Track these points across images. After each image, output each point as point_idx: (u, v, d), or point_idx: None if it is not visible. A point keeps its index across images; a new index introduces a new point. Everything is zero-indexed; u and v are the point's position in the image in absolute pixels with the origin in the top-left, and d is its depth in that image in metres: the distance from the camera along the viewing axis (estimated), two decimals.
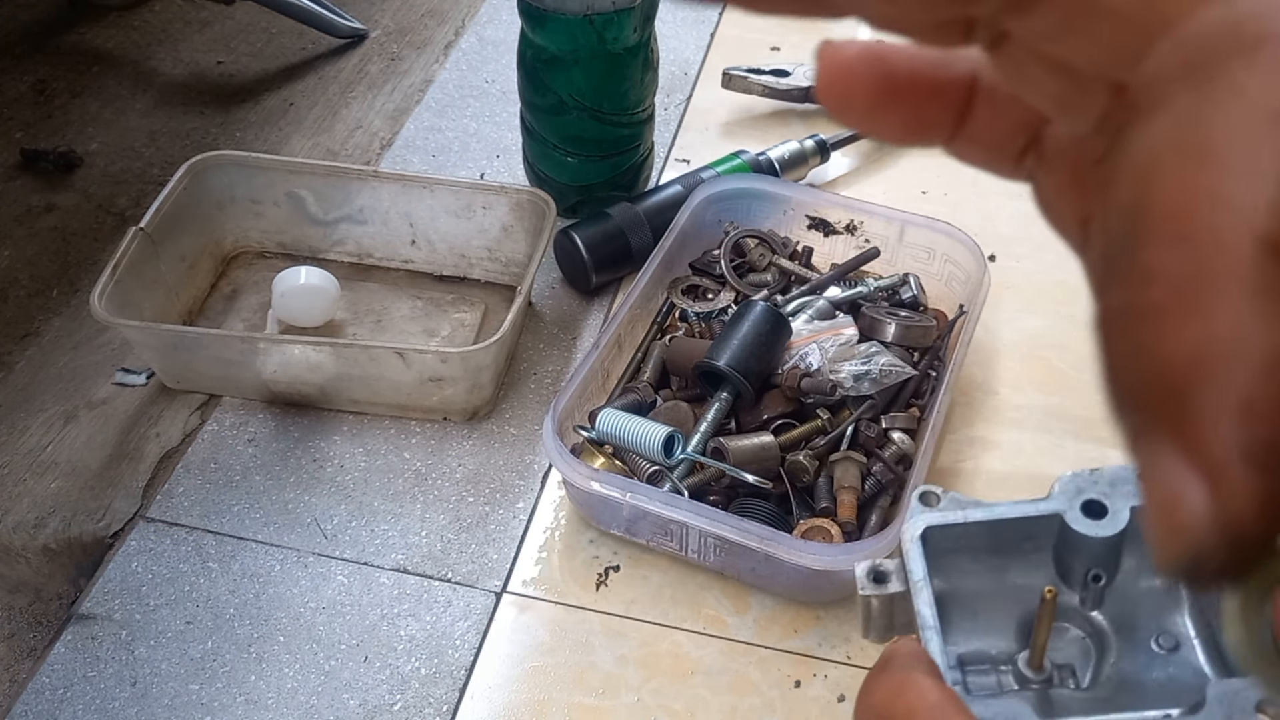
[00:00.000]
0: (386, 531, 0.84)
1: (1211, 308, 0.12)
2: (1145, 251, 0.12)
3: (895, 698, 0.20)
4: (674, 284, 0.96)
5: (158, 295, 0.95)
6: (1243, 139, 0.12)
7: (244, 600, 0.80)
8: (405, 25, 1.38)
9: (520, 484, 0.87)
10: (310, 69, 1.33)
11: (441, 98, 1.23)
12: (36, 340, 1.03)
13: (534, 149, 1.05)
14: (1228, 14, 0.13)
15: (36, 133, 1.24)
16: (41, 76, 1.32)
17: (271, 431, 0.91)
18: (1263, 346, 0.11)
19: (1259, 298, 0.11)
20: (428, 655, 0.77)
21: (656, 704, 0.75)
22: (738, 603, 0.80)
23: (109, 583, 0.81)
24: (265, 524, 0.85)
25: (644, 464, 0.82)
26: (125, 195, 1.17)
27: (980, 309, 0.88)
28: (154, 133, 1.25)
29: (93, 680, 0.76)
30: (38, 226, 1.14)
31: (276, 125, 1.25)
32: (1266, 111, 0.12)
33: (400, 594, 0.81)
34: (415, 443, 0.90)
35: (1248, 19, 0.13)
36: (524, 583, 0.81)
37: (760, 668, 0.76)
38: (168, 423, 0.92)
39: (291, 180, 1.01)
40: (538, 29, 0.96)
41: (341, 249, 1.05)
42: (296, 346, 0.88)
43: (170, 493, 0.87)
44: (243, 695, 0.75)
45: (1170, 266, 0.12)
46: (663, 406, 0.87)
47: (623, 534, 0.82)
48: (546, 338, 0.98)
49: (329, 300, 0.96)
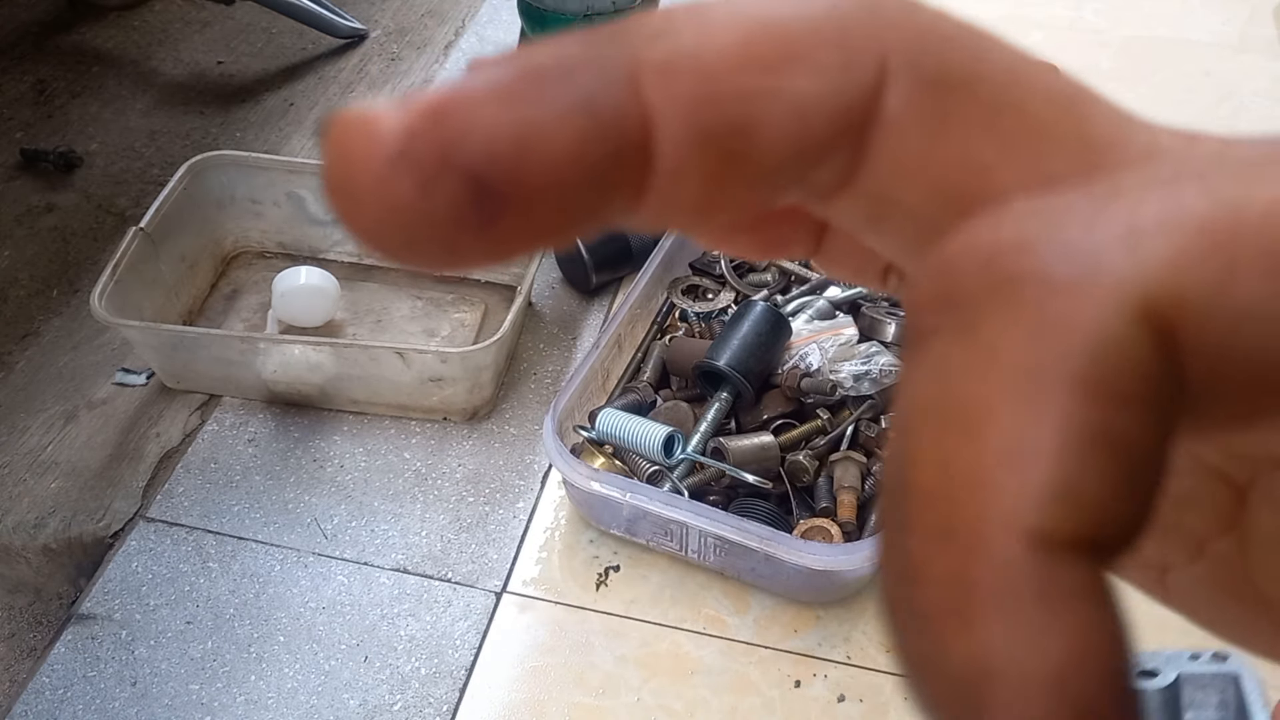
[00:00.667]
0: (386, 531, 0.84)
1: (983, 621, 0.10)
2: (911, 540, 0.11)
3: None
4: (674, 284, 0.96)
5: (158, 295, 0.95)
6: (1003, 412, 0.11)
7: (244, 600, 0.80)
8: (405, 25, 1.38)
9: (520, 484, 0.87)
10: (310, 69, 1.33)
11: None
12: (36, 340, 1.03)
13: None
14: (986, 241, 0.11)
15: (36, 133, 1.24)
16: (41, 76, 1.32)
17: (271, 431, 0.91)
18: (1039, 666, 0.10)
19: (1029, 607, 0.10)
20: (428, 655, 0.77)
21: (656, 704, 0.75)
22: (738, 603, 0.80)
23: (109, 583, 0.81)
24: (265, 524, 0.85)
25: (644, 464, 0.82)
26: (125, 195, 1.17)
27: None
28: (154, 133, 1.25)
29: (93, 680, 0.76)
30: (38, 226, 1.14)
31: (276, 125, 1.25)
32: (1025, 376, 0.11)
33: (400, 594, 0.81)
34: (415, 443, 0.90)
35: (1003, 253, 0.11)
36: (524, 583, 0.81)
37: (760, 668, 0.76)
38: (168, 423, 0.92)
39: (291, 180, 1.01)
40: (538, 29, 0.96)
41: (341, 249, 1.05)
42: (296, 346, 0.88)
43: (170, 493, 0.87)
44: (243, 695, 0.75)
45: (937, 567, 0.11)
46: (663, 406, 0.87)
47: (623, 534, 0.82)
48: (546, 338, 0.98)
49: (329, 300, 0.96)
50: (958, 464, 0.11)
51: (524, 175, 0.11)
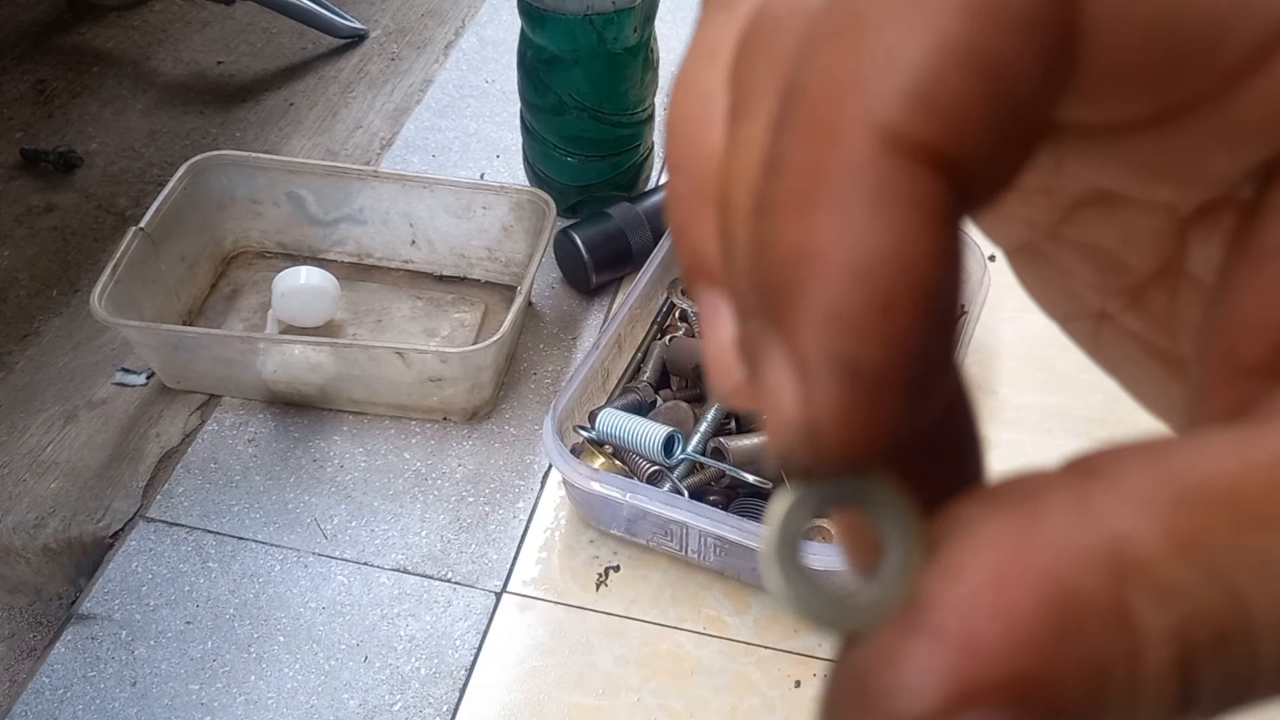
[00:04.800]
0: (386, 531, 0.84)
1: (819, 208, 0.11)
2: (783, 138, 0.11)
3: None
4: (674, 284, 0.96)
5: (158, 295, 0.95)
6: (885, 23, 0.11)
7: (244, 600, 0.80)
8: (405, 25, 1.38)
9: (520, 484, 0.87)
10: (310, 69, 1.33)
11: (441, 98, 1.23)
12: (36, 340, 1.03)
13: (534, 149, 1.05)
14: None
15: (36, 133, 1.24)
16: (41, 76, 1.32)
17: (271, 431, 0.91)
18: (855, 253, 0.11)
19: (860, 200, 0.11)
20: (428, 655, 0.77)
21: (656, 704, 0.75)
22: (738, 603, 0.80)
23: (109, 583, 0.81)
24: (265, 524, 0.85)
25: (644, 464, 0.82)
26: (125, 195, 1.17)
27: (980, 309, 0.88)
28: (154, 133, 1.25)
29: (93, 680, 0.76)
30: (38, 226, 1.14)
31: (276, 125, 1.25)
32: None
33: (400, 594, 0.81)
34: (415, 443, 0.90)
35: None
36: (524, 583, 0.81)
37: (760, 668, 0.76)
38: (168, 423, 0.92)
39: (291, 180, 1.01)
40: (538, 29, 0.96)
41: (341, 249, 1.05)
42: (296, 346, 0.88)
43: (170, 493, 0.87)
44: (243, 695, 0.75)
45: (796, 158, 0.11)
46: (663, 406, 0.87)
47: (623, 534, 0.82)
48: (546, 338, 0.98)
49: (329, 300, 0.96)
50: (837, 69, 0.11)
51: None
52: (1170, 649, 0.11)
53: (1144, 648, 0.11)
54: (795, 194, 0.11)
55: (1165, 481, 0.11)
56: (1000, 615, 0.11)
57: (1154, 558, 0.11)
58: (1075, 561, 0.11)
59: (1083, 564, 0.11)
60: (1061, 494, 0.11)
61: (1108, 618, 0.11)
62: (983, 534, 0.11)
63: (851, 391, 0.11)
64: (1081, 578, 0.11)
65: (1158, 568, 0.11)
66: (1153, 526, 0.11)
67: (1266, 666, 0.11)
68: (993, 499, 0.11)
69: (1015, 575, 0.11)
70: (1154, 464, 0.11)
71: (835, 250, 0.11)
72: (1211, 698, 0.11)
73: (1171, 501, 0.11)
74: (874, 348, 0.11)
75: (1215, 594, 0.11)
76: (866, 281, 0.11)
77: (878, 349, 0.11)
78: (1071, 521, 0.11)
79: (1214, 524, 0.11)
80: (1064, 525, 0.11)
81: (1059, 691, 0.11)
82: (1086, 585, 0.11)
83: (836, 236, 0.11)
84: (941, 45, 0.11)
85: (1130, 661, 0.11)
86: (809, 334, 0.11)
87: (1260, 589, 0.11)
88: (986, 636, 0.10)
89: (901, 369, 0.11)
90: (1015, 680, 0.10)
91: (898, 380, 0.11)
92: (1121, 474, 0.11)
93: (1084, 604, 0.11)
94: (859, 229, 0.11)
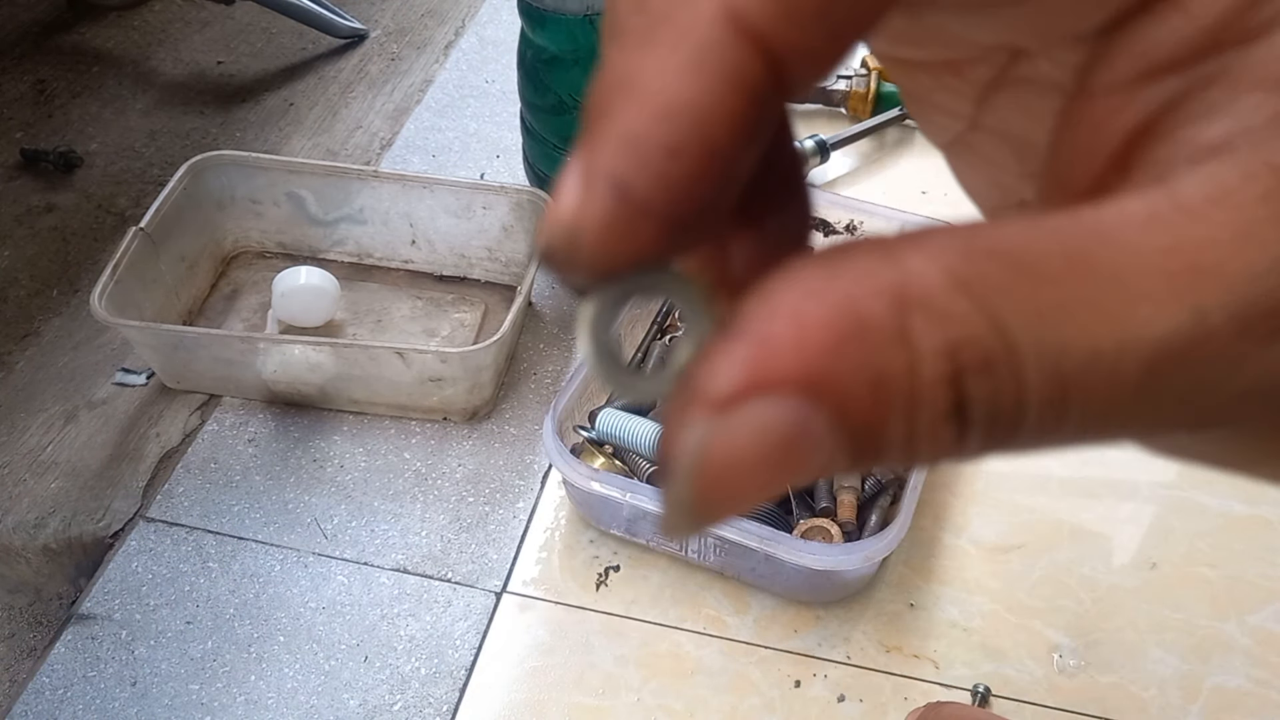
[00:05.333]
0: (386, 531, 0.84)
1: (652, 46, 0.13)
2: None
3: None
4: None
5: (158, 295, 0.95)
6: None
7: (244, 600, 0.80)
8: (405, 25, 1.38)
9: (520, 484, 0.87)
10: (310, 69, 1.33)
11: (441, 98, 1.23)
12: (36, 340, 1.03)
13: (534, 149, 1.05)
14: None
15: (36, 133, 1.24)
16: (41, 76, 1.32)
17: (271, 431, 0.91)
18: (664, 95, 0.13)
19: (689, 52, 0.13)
20: (428, 655, 0.77)
21: (656, 704, 0.75)
22: (738, 603, 0.80)
23: (109, 583, 0.81)
24: (265, 524, 0.85)
25: (644, 464, 0.82)
26: (125, 195, 1.17)
27: None
28: (154, 133, 1.25)
29: (93, 680, 0.76)
30: (38, 226, 1.14)
31: (276, 125, 1.25)
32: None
33: (400, 594, 0.81)
34: (415, 443, 0.90)
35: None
36: (524, 583, 0.81)
37: (760, 668, 0.76)
38: (168, 423, 0.92)
39: (291, 180, 1.01)
40: (538, 29, 0.96)
41: (341, 249, 1.05)
42: (296, 346, 0.88)
43: (170, 493, 0.87)
44: (243, 695, 0.75)
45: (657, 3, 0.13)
46: (663, 406, 0.87)
47: (623, 534, 0.82)
48: (546, 338, 0.98)
49: (329, 300, 0.96)
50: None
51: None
52: (941, 364, 0.13)
53: (920, 361, 0.12)
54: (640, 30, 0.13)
55: (960, 241, 0.13)
56: (794, 324, 0.13)
57: (933, 291, 0.13)
58: (866, 291, 0.13)
59: (872, 293, 0.13)
60: (870, 246, 0.13)
61: (888, 334, 0.12)
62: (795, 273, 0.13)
63: (615, 211, 0.13)
64: (869, 303, 0.13)
65: (935, 299, 0.13)
66: (937, 269, 0.13)
67: (1031, 402, 0.13)
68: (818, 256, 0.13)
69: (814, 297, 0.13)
70: (956, 232, 0.13)
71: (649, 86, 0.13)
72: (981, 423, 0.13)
73: (959, 253, 0.13)
74: (648, 180, 0.13)
75: (984, 324, 0.13)
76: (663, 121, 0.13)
77: (650, 182, 0.13)
78: (871, 263, 0.13)
79: (991, 272, 0.13)
80: (864, 263, 0.13)
81: (844, 392, 0.13)
82: (873, 308, 0.13)
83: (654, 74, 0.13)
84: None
85: (908, 372, 0.12)
86: (601, 151, 0.13)
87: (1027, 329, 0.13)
88: (780, 337, 0.12)
89: (665, 205, 0.13)
90: (803, 376, 0.12)
91: (659, 214, 0.13)
92: (926, 237, 0.13)
93: (869, 323, 0.12)
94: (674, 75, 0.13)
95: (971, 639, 0.78)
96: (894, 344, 0.12)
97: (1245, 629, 0.79)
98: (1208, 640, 0.78)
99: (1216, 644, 0.78)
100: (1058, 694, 0.75)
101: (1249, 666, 0.77)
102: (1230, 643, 0.78)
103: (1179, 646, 0.78)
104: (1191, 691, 0.75)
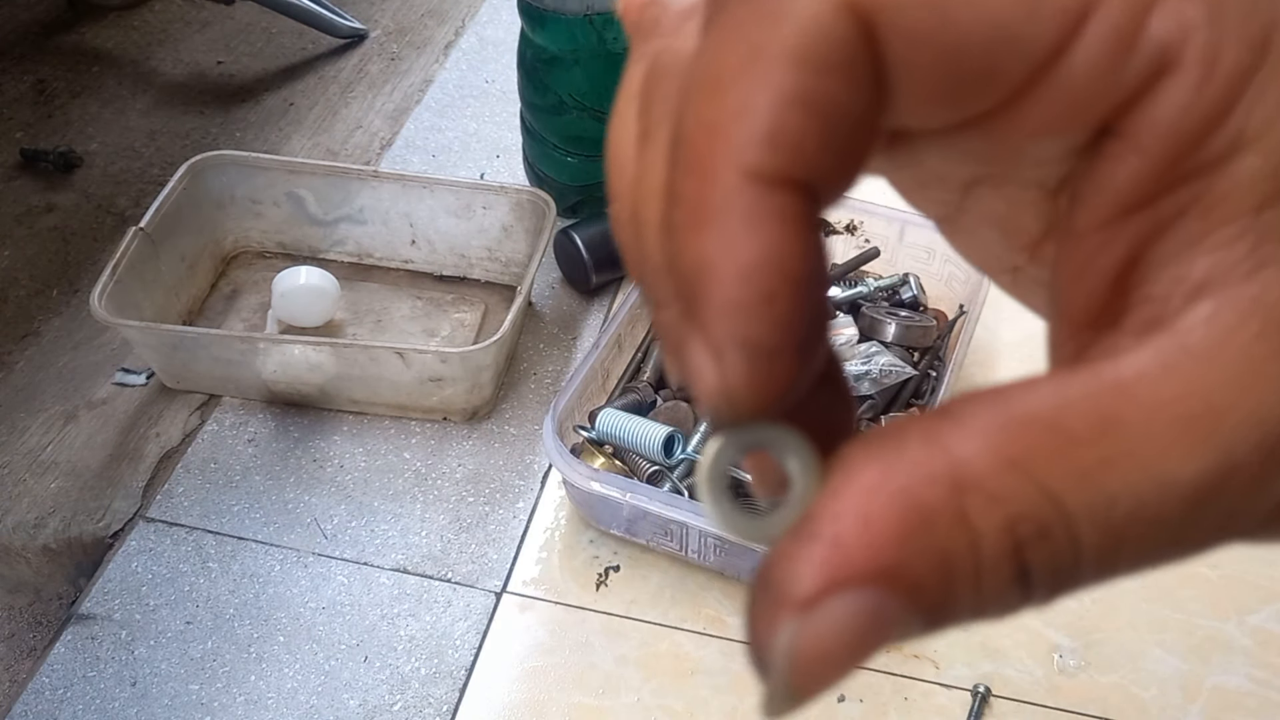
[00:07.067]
0: (386, 531, 0.84)
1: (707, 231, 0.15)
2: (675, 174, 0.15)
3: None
4: None
5: (158, 295, 0.95)
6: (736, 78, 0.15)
7: (244, 600, 0.80)
8: (405, 25, 1.38)
9: (520, 484, 0.87)
10: (310, 69, 1.33)
11: (441, 98, 1.23)
12: (36, 340, 1.03)
13: (534, 149, 1.05)
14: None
15: (36, 133, 1.24)
16: (41, 76, 1.32)
17: (271, 431, 0.91)
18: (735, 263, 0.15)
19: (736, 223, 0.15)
20: (428, 655, 0.77)
21: (656, 704, 0.75)
22: (738, 603, 0.80)
23: (109, 583, 0.81)
24: (265, 524, 0.85)
25: (644, 464, 0.82)
26: (125, 195, 1.17)
27: (980, 309, 0.88)
28: (154, 133, 1.25)
29: (93, 680, 0.76)
30: (38, 226, 1.14)
31: (276, 125, 1.25)
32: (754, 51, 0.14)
33: (400, 594, 0.81)
34: (415, 443, 0.90)
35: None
36: (524, 583, 0.81)
37: None
38: (168, 423, 0.92)
39: (291, 180, 1.01)
40: (538, 29, 0.96)
41: (341, 249, 1.05)
42: (296, 346, 0.88)
43: (170, 493, 0.87)
44: (243, 695, 0.75)
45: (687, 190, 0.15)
46: (663, 406, 0.87)
47: (623, 534, 0.82)
48: (546, 338, 0.98)
49: (329, 300, 0.96)
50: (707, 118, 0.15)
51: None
52: (1002, 539, 0.14)
53: (981, 539, 0.14)
54: (688, 220, 0.15)
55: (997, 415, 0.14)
56: (861, 520, 0.14)
57: (985, 473, 0.14)
58: (921, 481, 0.14)
59: (928, 481, 0.14)
60: (917, 432, 0.15)
61: (949, 520, 0.14)
62: (855, 464, 0.15)
63: (752, 363, 0.15)
64: (927, 492, 0.14)
65: (987, 479, 0.14)
66: (985, 450, 0.14)
67: (1087, 553, 0.14)
68: (869, 440, 0.15)
69: (876, 492, 0.14)
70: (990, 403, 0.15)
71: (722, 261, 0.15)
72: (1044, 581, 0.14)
73: (1001, 430, 0.14)
74: (764, 328, 0.15)
75: (1036, 496, 0.14)
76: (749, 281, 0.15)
77: (767, 328, 0.15)
78: (923, 452, 0.14)
79: (1034, 444, 0.14)
80: (917, 455, 0.14)
81: (914, 577, 0.14)
82: (932, 497, 0.14)
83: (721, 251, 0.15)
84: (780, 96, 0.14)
85: (971, 550, 0.14)
86: (715, 325, 0.15)
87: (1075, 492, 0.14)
88: (850, 536, 0.14)
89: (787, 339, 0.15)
90: (875, 569, 0.14)
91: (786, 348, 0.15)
92: (964, 413, 0.15)
93: (929, 510, 0.14)
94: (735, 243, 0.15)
95: (971, 639, 0.78)
96: (956, 527, 0.14)
97: (1245, 629, 0.79)
98: (1208, 640, 0.78)
99: (1216, 644, 0.78)
100: (1058, 694, 0.75)
101: (1249, 666, 0.77)
102: (1230, 643, 0.78)
103: (1179, 646, 0.78)
104: (1192, 691, 0.75)
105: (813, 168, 0.15)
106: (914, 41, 0.15)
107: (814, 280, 0.15)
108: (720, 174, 0.15)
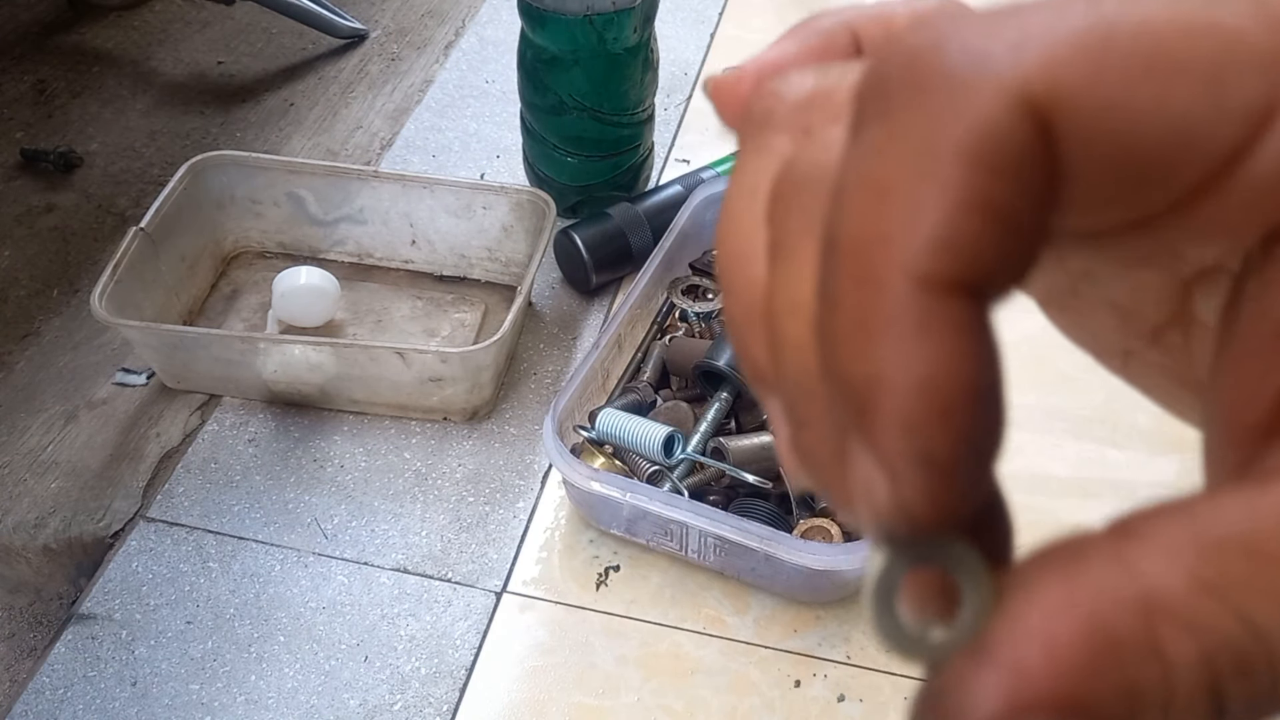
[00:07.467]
0: (386, 531, 0.84)
1: (877, 342, 0.14)
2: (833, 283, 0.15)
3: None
4: (674, 284, 0.96)
5: (158, 295, 0.95)
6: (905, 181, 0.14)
7: (244, 600, 0.80)
8: (405, 25, 1.38)
9: (520, 484, 0.87)
10: (310, 69, 1.33)
11: (441, 98, 1.23)
12: (36, 340, 1.03)
13: (534, 149, 1.05)
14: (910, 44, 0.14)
15: (36, 133, 1.24)
16: (41, 76, 1.32)
17: (271, 431, 0.91)
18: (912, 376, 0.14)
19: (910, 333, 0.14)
20: (428, 655, 0.77)
21: (656, 704, 0.75)
22: (738, 603, 0.80)
23: (109, 583, 0.81)
24: (265, 524, 0.85)
25: (644, 464, 0.82)
26: (125, 195, 1.17)
27: None
28: (154, 133, 1.25)
29: (93, 680, 0.76)
30: (38, 226, 1.14)
31: (276, 125, 1.25)
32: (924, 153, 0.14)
33: (400, 594, 0.81)
34: (415, 443, 0.90)
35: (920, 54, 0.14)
36: (524, 583, 0.81)
37: (760, 668, 0.76)
38: (168, 423, 0.92)
39: (291, 180, 1.01)
40: (538, 29, 0.96)
41: (341, 249, 1.05)
42: (296, 346, 0.88)
43: (170, 493, 0.87)
44: (243, 695, 0.76)
45: (850, 300, 0.14)
46: (663, 406, 0.87)
47: (623, 534, 0.82)
48: (546, 338, 0.98)
49: (329, 300, 0.96)
50: (871, 223, 0.14)
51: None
52: (1199, 674, 0.13)
53: (1175, 674, 0.13)
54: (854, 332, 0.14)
55: (1188, 534, 0.13)
56: (1045, 647, 0.13)
57: (1179, 599, 0.13)
58: (1111, 604, 0.13)
59: (1117, 606, 0.13)
60: (1102, 552, 0.14)
61: (1140, 649, 0.13)
62: (1037, 586, 0.14)
63: (931, 478, 0.14)
64: (1116, 617, 0.13)
65: (1183, 607, 0.13)
66: (1178, 572, 0.13)
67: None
68: (1048, 558, 0.14)
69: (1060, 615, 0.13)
70: (1178, 521, 0.14)
71: (896, 374, 0.14)
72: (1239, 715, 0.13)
73: (1193, 551, 0.13)
74: (942, 442, 0.14)
75: (1235, 626, 0.13)
76: (926, 395, 0.14)
77: (945, 443, 0.14)
78: (1109, 572, 0.13)
79: (1230, 567, 0.13)
80: (1103, 576, 0.13)
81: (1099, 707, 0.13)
82: (1121, 623, 0.13)
83: (894, 363, 0.14)
84: (955, 199, 0.14)
85: (1164, 685, 0.13)
86: (889, 440, 0.14)
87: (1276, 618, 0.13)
88: (1033, 660, 0.13)
89: (966, 453, 0.14)
90: (1059, 697, 0.13)
91: (965, 461, 0.14)
92: (1151, 531, 0.14)
93: (1119, 638, 0.13)
94: (910, 354, 0.14)
95: None
96: (1147, 658, 0.13)
97: None
98: None
99: None
100: None
101: None
102: None
103: None
104: None
105: (987, 273, 0.14)
106: (1092, 141, 0.14)
107: (992, 389, 0.14)
108: (890, 282, 0.14)
